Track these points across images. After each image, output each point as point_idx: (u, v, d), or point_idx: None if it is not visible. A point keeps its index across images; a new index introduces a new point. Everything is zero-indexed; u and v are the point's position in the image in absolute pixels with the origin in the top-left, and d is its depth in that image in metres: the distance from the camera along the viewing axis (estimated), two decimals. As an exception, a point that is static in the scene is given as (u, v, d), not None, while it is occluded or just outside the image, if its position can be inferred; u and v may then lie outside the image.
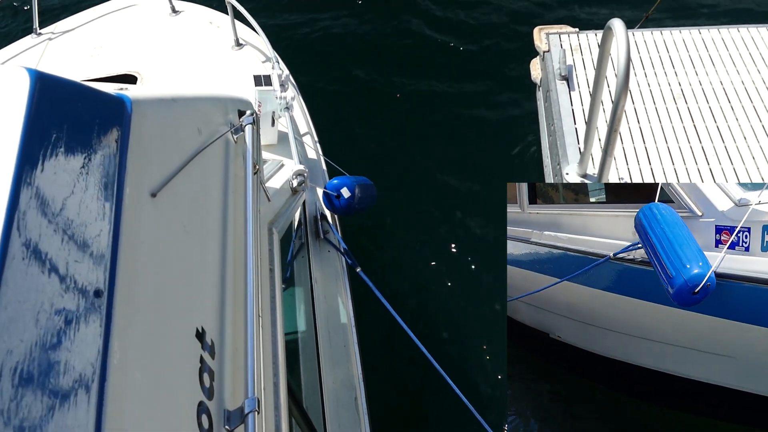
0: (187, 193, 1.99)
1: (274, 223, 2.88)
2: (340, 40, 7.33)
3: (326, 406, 3.20)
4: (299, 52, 6.94)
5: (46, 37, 5.20)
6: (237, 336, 2.00)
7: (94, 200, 1.55)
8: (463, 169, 5.98)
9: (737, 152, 4.49)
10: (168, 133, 1.96)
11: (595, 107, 4.07)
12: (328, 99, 6.42)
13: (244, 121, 2.46)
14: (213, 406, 1.75)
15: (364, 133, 6.31)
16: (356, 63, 7.03)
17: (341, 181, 3.91)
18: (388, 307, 3.51)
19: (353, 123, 6.38)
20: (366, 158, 6.01)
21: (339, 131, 6.01)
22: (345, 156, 5.55)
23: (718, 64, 5.15)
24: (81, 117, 1.62)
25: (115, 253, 1.53)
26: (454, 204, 5.75)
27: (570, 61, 5.27)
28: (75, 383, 1.30)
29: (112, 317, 1.43)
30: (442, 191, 5.83)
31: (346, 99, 6.66)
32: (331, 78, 6.83)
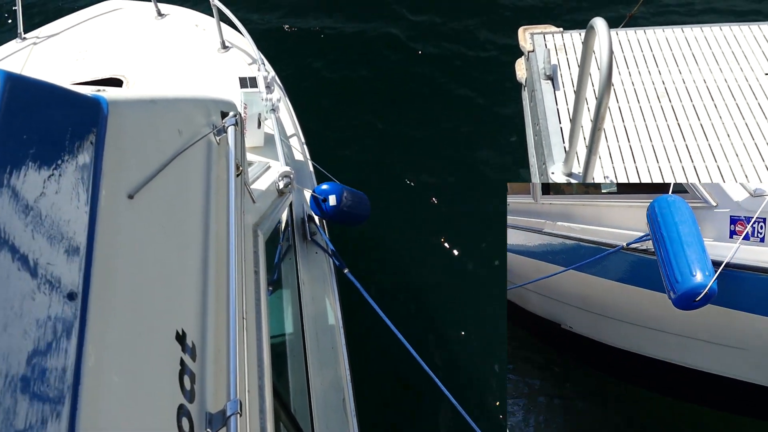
0: (166, 194, 1.97)
1: (259, 225, 2.87)
2: (326, 41, 7.34)
3: (314, 408, 3.19)
4: (285, 53, 6.94)
5: (31, 42, 5.17)
6: (219, 338, 1.98)
7: (68, 201, 1.53)
8: (450, 170, 6.00)
9: (721, 150, 4.52)
10: (147, 135, 1.95)
11: (579, 106, 4.10)
12: (313, 100, 6.42)
13: (226, 122, 2.45)
14: (194, 409, 1.73)
15: (353, 134, 6.32)
16: (343, 63, 7.04)
17: (331, 187, 3.88)
18: (375, 308, 3.51)
19: (341, 124, 6.38)
20: (353, 158, 6.02)
21: (326, 132, 6.01)
22: (331, 156, 5.57)
23: (701, 63, 5.19)
24: (54, 118, 1.61)
25: (90, 255, 1.51)
26: (441, 202, 5.76)
27: (555, 60, 5.30)
28: (47, 386, 1.28)
29: (87, 320, 1.42)
30: (426, 190, 5.85)
31: (333, 100, 6.66)
32: (317, 79, 6.84)
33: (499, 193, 5.75)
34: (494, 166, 6.01)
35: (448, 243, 5.47)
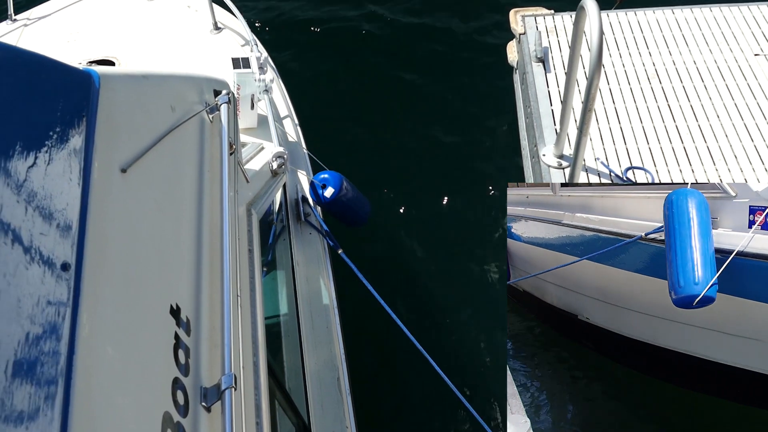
0: (159, 170, 1.98)
1: (253, 204, 2.88)
2: (319, 24, 7.30)
3: (309, 387, 3.22)
4: (279, 35, 6.91)
5: (22, 23, 5.13)
6: (214, 314, 2.00)
7: (60, 173, 1.53)
8: (440, 153, 6.01)
9: (711, 132, 4.56)
10: (139, 109, 1.95)
11: (570, 87, 4.12)
12: (307, 82, 6.40)
13: (219, 100, 2.46)
14: (189, 383, 1.75)
15: (344, 116, 6.31)
16: (337, 47, 7.01)
17: (331, 176, 3.84)
18: (369, 289, 3.53)
19: (334, 108, 6.37)
20: (346, 143, 6.02)
21: (319, 115, 6.00)
22: (322, 140, 5.57)
23: (691, 44, 5.21)
24: (44, 89, 1.61)
25: (84, 227, 1.51)
26: (433, 184, 5.78)
27: (546, 43, 5.31)
28: (41, 355, 1.28)
29: (81, 291, 1.42)
30: (419, 173, 5.87)
31: (326, 82, 6.64)
32: (309, 61, 6.81)
33: (491, 172, 5.78)
34: (493, 149, 6.02)
35: (441, 225, 5.50)
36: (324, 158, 4.18)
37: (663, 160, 4.42)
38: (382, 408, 4.49)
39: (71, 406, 1.27)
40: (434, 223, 5.54)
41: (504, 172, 5.75)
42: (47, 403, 1.24)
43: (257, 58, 3.94)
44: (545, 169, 4.55)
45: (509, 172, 5.63)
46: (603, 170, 4.43)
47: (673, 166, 4.38)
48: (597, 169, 4.45)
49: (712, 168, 4.34)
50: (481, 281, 5.12)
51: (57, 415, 1.24)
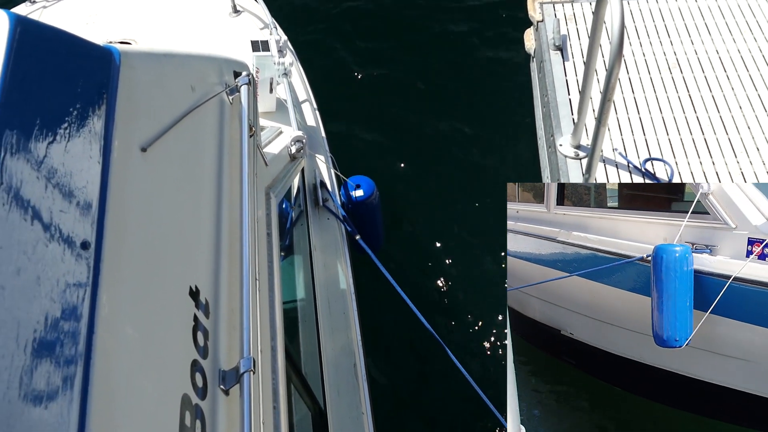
0: (179, 150, 1.96)
1: (271, 187, 2.87)
2: (338, 5, 7.25)
3: (325, 373, 3.21)
4: (298, 19, 6.87)
5: (41, 5, 5.14)
6: (232, 296, 1.99)
7: (80, 150, 1.51)
8: (455, 143, 5.97)
9: (732, 122, 4.50)
10: (159, 88, 1.93)
11: (588, 76, 4.06)
12: (324, 67, 6.37)
13: (239, 82, 2.44)
14: (207, 366, 1.73)
15: (361, 106, 6.28)
16: (356, 33, 6.96)
17: (365, 180, 4.05)
18: (386, 275, 3.52)
19: (349, 97, 6.34)
20: (358, 114, 5.97)
21: (337, 101, 5.97)
22: (339, 126, 5.54)
23: (714, 33, 5.13)
24: (65, 65, 1.58)
25: (104, 205, 1.49)
26: (450, 176, 5.75)
27: (564, 30, 5.25)
28: (61, 334, 1.26)
29: (101, 270, 1.40)
30: (435, 164, 5.83)
31: (342, 68, 6.60)
32: (328, 46, 6.77)
33: (504, 163, 5.74)
34: (508, 139, 5.97)
35: (457, 220, 5.47)
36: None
37: (683, 151, 4.37)
38: (399, 394, 4.49)
39: (90, 387, 1.26)
40: (449, 215, 5.51)
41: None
42: (66, 383, 1.23)
43: (277, 41, 3.92)
44: (562, 159, 4.51)
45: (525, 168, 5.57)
46: (621, 161, 4.39)
47: (693, 158, 4.32)
48: (615, 160, 4.40)
49: (734, 161, 4.28)
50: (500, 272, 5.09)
51: (76, 396, 1.23)
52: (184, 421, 1.53)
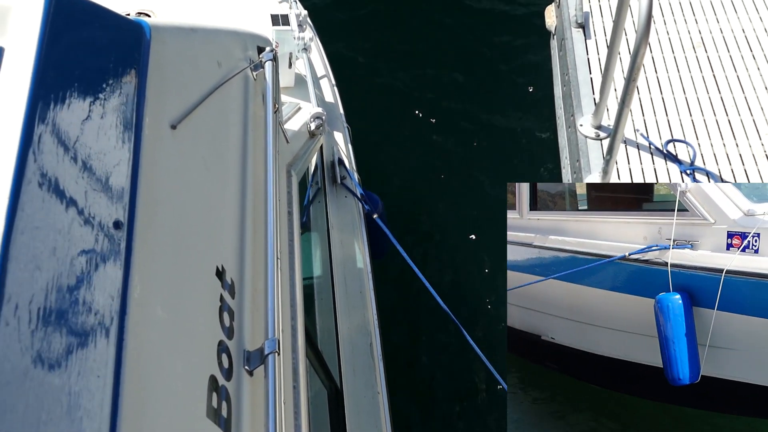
0: (207, 127, 1.94)
1: (292, 165, 2.84)
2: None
3: (341, 351, 3.21)
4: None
5: None
6: (257, 276, 1.97)
7: (113, 128, 1.49)
8: (471, 122, 5.92)
9: (758, 105, 4.41)
10: (188, 64, 1.90)
11: (612, 56, 3.98)
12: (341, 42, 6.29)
13: (263, 57, 2.39)
14: (233, 346, 1.72)
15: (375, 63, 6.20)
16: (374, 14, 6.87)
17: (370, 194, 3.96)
18: (402, 254, 3.51)
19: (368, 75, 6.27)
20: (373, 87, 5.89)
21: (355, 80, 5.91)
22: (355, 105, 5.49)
23: (741, 11, 5.01)
24: (98, 40, 1.56)
25: (135, 184, 1.48)
26: (464, 157, 5.71)
27: (587, 7, 5.14)
28: (95, 316, 1.26)
29: (132, 250, 1.39)
30: (450, 145, 5.79)
31: (360, 43, 6.52)
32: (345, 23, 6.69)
33: (515, 144, 5.69)
34: (525, 118, 5.90)
35: (471, 198, 5.44)
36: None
37: (706, 133, 4.29)
38: (414, 373, 4.50)
39: (122, 367, 1.25)
40: (463, 193, 5.48)
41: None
42: (100, 364, 1.23)
43: (297, 15, 3.84)
44: (582, 140, 4.45)
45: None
46: (642, 142, 4.32)
47: (716, 140, 4.25)
48: (636, 141, 4.34)
49: (758, 143, 4.21)
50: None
51: (109, 377, 1.23)
52: (211, 402, 1.52)
